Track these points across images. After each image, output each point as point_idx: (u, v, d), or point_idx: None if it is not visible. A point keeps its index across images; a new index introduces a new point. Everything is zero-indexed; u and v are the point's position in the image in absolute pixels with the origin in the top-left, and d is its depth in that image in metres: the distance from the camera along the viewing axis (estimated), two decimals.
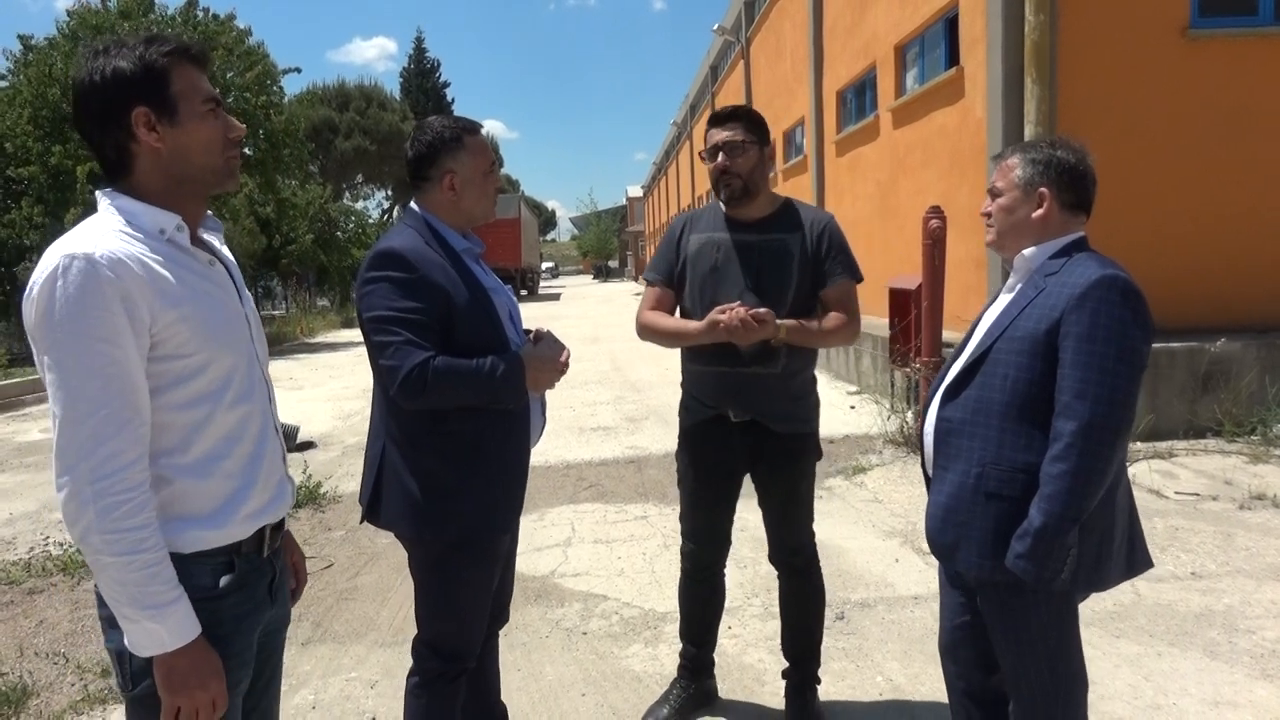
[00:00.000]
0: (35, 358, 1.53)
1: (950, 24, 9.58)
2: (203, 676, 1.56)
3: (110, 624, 1.61)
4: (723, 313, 2.70)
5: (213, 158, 1.65)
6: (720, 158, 2.83)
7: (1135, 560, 2.09)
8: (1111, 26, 7.53)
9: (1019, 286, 2.13)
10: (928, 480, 2.25)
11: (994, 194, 2.18)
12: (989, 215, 2.19)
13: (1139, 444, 6.73)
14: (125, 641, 1.54)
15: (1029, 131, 7.30)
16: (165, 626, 1.52)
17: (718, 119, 2.89)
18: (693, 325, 2.83)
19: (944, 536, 2.12)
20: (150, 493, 1.53)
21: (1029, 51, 7.27)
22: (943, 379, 2.20)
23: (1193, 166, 7.60)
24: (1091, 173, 2.14)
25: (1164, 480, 5.89)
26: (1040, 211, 2.10)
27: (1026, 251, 2.12)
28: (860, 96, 13.20)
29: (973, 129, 8.60)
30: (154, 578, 1.51)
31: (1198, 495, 5.55)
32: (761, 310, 2.68)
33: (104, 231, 1.54)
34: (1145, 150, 7.59)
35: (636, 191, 74.50)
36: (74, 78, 1.58)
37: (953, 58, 9.47)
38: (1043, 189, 2.09)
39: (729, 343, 2.76)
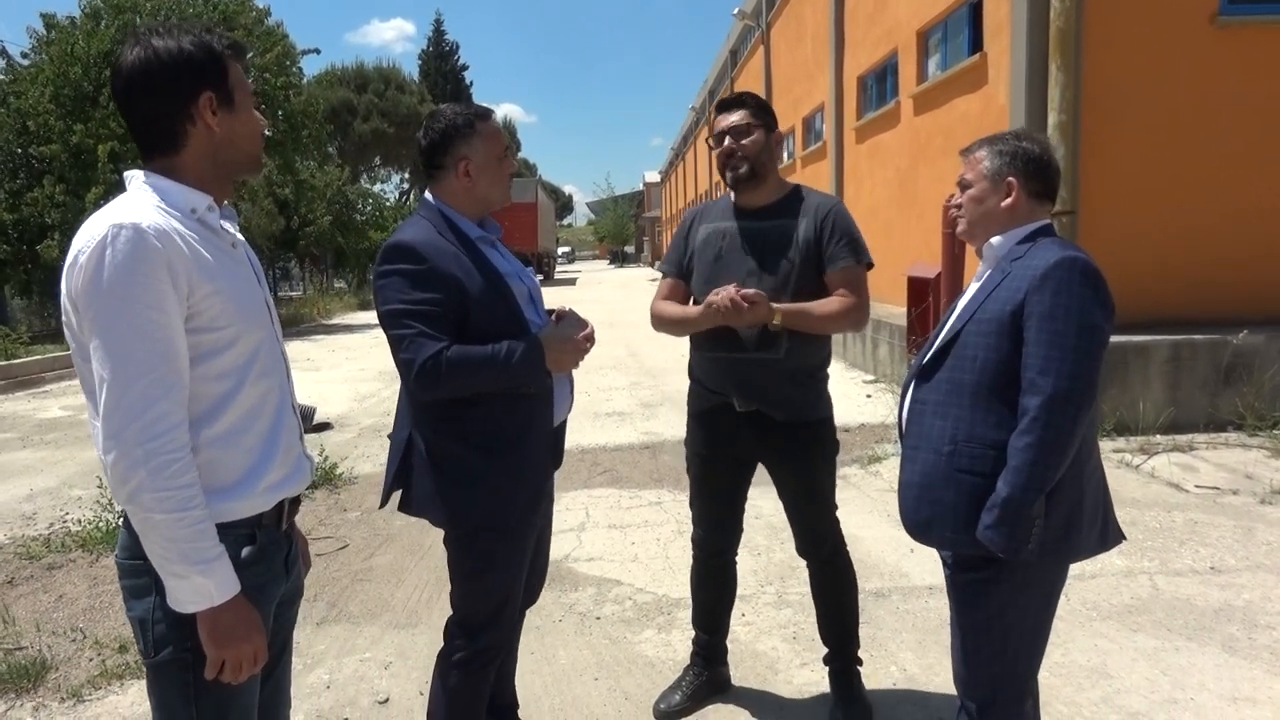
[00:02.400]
0: (74, 325, 1.57)
1: (974, 9, 9.46)
2: (247, 629, 1.63)
3: (133, 593, 1.66)
4: (717, 295, 2.70)
5: (254, 146, 1.78)
6: (727, 141, 2.85)
7: (1108, 535, 2.16)
8: (1139, 13, 7.41)
9: (987, 273, 2.21)
10: None
11: (963, 186, 2.25)
12: (959, 207, 2.27)
13: (1159, 436, 6.68)
14: (170, 600, 1.59)
15: (1053, 120, 7.21)
16: (213, 581, 1.58)
17: (725, 105, 2.93)
18: (693, 311, 2.86)
19: (918, 513, 2.18)
20: (192, 455, 1.58)
21: (1054, 38, 7.17)
22: (919, 363, 2.26)
23: (1219, 156, 7.49)
24: (1055, 164, 2.22)
25: (1184, 473, 5.83)
26: (1009, 200, 2.17)
27: (994, 241, 2.20)
28: (881, 83, 13.08)
29: (995, 116, 8.50)
30: (201, 534, 1.57)
31: (1218, 489, 5.49)
32: (751, 291, 2.67)
33: (144, 205, 1.59)
34: (1171, 140, 7.48)
35: (654, 177, 74.30)
36: (132, 54, 1.62)
37: (976, 44, 9.35)
38: (1010, 178, 2.17)
39: (730, 329, 2.76)
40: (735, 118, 2.85)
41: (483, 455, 2.29)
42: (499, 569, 2.39)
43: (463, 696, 2.44)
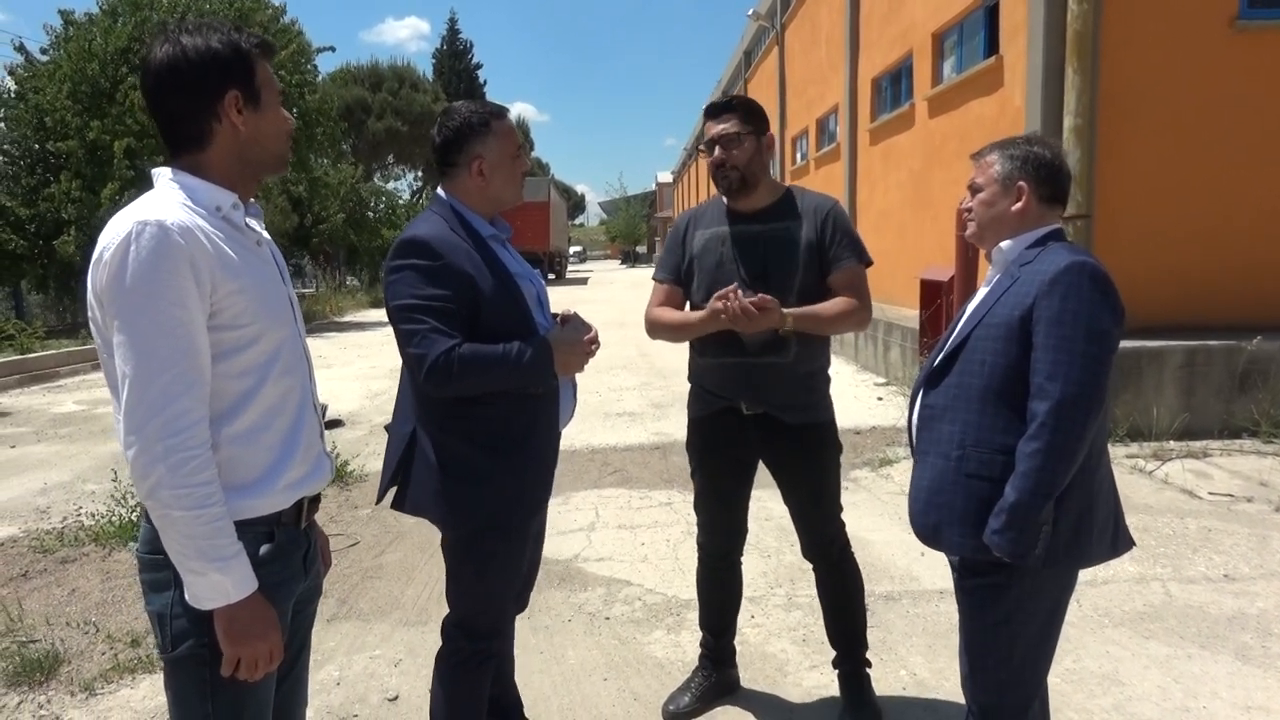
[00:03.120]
0: (99, 320, 1.58)
1: (990, 12, 9.42)
2: (264, 627, 1.64)
3: (153, 587, 1.67)
4: (722, 300, 2.66)
5: (280, 145, 1.78)
6: (717, 151, 2.82)
7: (1119, 540, 2.15)
8: (1157, 16, 7.36)
9: (996, 278, 2.20)
10: None
11: (974, 190, 2.25)
12: (969, 210, 2.26)
13: (1172, 442, 6.63)
14: (188, 596, 1.59)
15: (1069, 123, 7.16)
16: (230, 578, 1.59)
17: (713, 111, 2.86)
18: (695, 316, 2.81)
19: (927, 518, 2.19)
20: (212, 452, 1.59)
21: (1071, 41, 7.13)
22: (928, 369, 2.26)
23: (1237, 160, 7.43)
24: (1066, 168, 2.22)
25: (1198, 480, 5.79)
26: (1019, 205, 2.17)
27: (1004, 244, 2.19)
28: (896, 85, 13.04)
29: (1011, 119, 8.46)
30: (220, 531, 1.57)
31: (1232, 496, 5.45)
32: (760, 297, 2.63)
33: (169, 203, 1.60)
34: (1189, 144, 7.43)
35: (666, 177, 74.28)
36: (161, 51, 1.64)
37: (992, 46, 9.31)
38: (1021, 183, 2.17)
39: (738, 334, 2.74)
40: (724, 126, 2.81)
41: (488, 454, 2.29)
42: (499, 569, 2.39)
43: (464, 695, 2.45)
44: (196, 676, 1.65)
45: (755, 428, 2.90)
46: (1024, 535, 1.97)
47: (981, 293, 2.23)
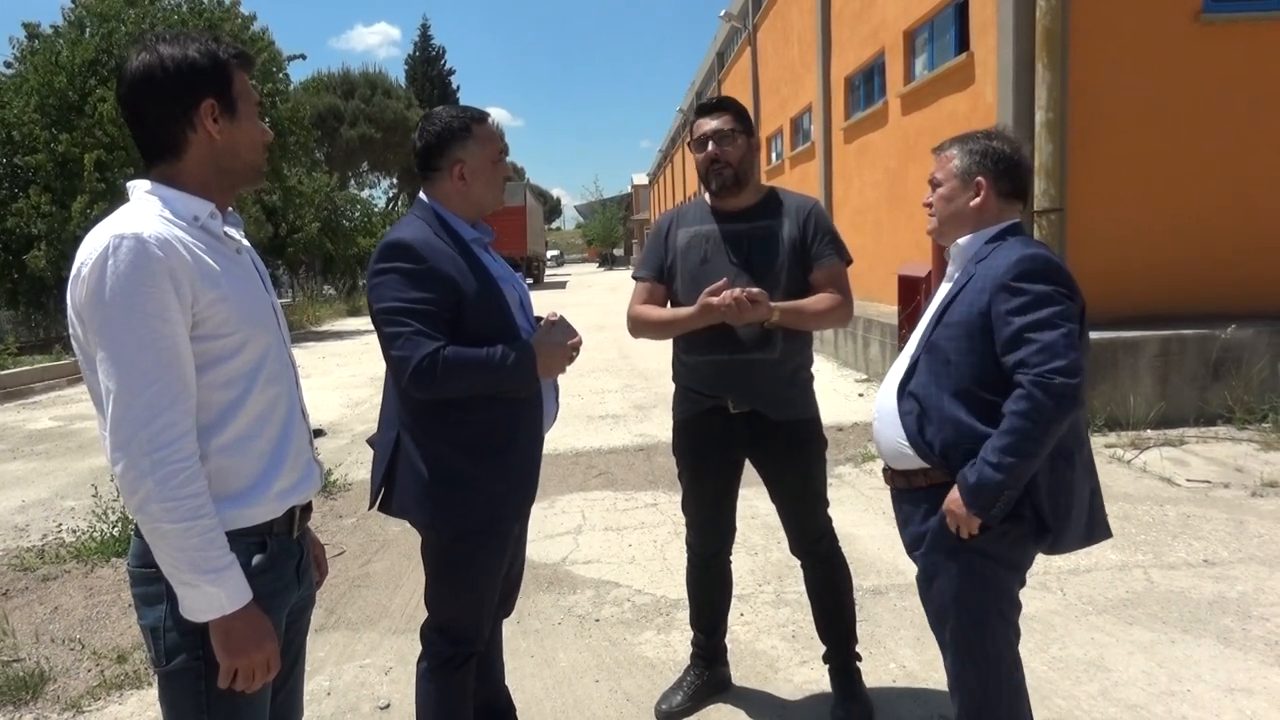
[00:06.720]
0: (80, 337, 1.57)
1: (960, 9, 9.51)
2: (259, 637, 1.63)
3: (145, 601, 1.65)
4: (714, 294, 2.69)
5: (256, 156, 1.77)
6: (710, 147, 2.85)
7: (1094, 529, 2.17)
8: (1124, 11, 7.47)
9: (955, 274, 2.23)
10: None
11: (934, 184, 2.28)
12: (930, 205, 2.29)
13: (1150, 431, 6.72)
14: (182, 609, 1.59)
15: (1040, 118, 7.25)
16: (224, 590, 1.58)
17: (706, 109, 2.92)
18: (685, 311, 2.84)
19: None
20: (200, 463, 1.58)
21: (1040, 36, 7.22)
22: (900, 370, 2.29)
23: (1206, 152, 7.55)
24: (1026, 163, 2.24)
25: (1175, 468, 5.88)
26: (978, 200, 2.20)
27: (961, 241, 2.22)
28: (869, 83, 13.13)
29: (983, 115, 8.54)
30: (211, 543, 1.56)
31: (1209, 483, 5.53)
32: (754, 290, 2.67)
33: (146, 214, 1.59)
34: (1158, 136, 7.53)
35: (642, 179, 74.34)
36: (138, 60, 1.63)
37: (963, 43, 9.41)
38: (979, 178, 2.19)
39: (725, 331, 2.77)
40: (718, 123, 2.85)
41: (472, 458, 2.29)
42: (480, 574, 2.39)
43: (449, 698, 2.45)
44: (192, 690, 1.64)
45: (742, 426, 2.92)
46: (990, 504, 2.01)
47: (942, 289, 2.26)
